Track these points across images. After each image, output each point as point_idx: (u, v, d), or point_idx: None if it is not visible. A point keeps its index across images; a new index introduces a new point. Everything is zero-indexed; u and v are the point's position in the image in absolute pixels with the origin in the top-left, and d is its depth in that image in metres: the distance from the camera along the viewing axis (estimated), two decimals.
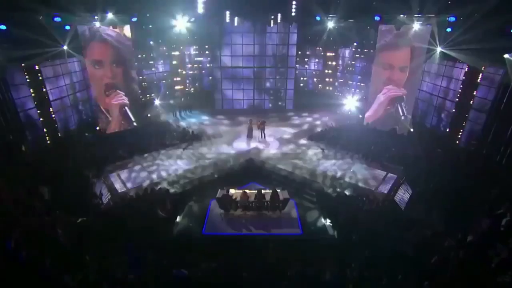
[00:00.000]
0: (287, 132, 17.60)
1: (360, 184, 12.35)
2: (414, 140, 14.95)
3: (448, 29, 12.41)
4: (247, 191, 10.76)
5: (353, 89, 21.30)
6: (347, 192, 11.57)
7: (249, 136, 16.36)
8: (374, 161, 13.91)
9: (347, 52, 21.74)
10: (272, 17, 17.67)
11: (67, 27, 12.59)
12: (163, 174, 13.15)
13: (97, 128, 16.04)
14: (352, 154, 14.62)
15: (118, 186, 12.25)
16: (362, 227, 9.48)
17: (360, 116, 18.41)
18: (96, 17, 13.39)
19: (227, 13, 17.07)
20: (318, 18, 17.41)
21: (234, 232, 9.86)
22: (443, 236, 8.73)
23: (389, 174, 12.96)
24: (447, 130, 14.76)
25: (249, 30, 19.62)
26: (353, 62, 21.42)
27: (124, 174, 12.99)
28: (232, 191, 10.74)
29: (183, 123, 18.57)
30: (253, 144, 15.81)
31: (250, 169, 13.49)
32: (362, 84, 20.64)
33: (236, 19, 17.77)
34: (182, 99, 20.94)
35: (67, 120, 15.59)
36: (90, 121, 16.73)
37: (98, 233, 8.93)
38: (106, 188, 11.75)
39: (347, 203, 10.66)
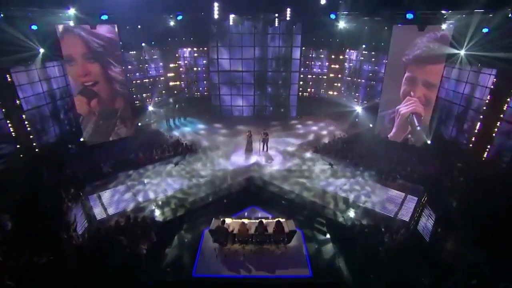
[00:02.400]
0: (291, 143, 15.96)
1: (377, 209, 10.76)
2: (432, 154, 13.38)
3: (485, 29, 10.59)
4: (246, 221, 9.11)
5: (360, 95, 19.70)
6: (363, 221, 9.93)
7: (248, 149, 14.69)
8: (390, 179, 12.35)
9: (354, 55, 20.13)
10: (276, 15, 15.80)
11: (34, 27, 10.84)
12: (151, 195, 11.55)
13: (81, 139, 14.47)
14: (363, 170, 13.04)
15: (98, 211, 10.63)
16: (383, 269, 7.91)
17: (371, 125, 16.81)
18: (63, 14, 11.76)
19: (216, 5, 15.17)
20: (333, 16, 15.29)
21: (230, 274, 8.21)
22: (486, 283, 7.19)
23: (408, 196, 11.39)
24: (471, 143, 13.11)
25: (249, 30, 18.01)
26: (361, 66, 19.79)
27: (105, 195, 11.36)
28: (228, 221, 9.10)
29: (176, 133, 16.95)
30: (254, 159, 14.16)
31: (250, 191, 11.82)
32: (370, 89, 19.06)
33: (233, 17, 16.00)
34: (176, 105, 19.20)
35: (46, 132, 14.00)
36: (74, 132, 15.18)
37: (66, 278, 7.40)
38: (84, 214, 10.11)
39: (364, 236, 9.02)
